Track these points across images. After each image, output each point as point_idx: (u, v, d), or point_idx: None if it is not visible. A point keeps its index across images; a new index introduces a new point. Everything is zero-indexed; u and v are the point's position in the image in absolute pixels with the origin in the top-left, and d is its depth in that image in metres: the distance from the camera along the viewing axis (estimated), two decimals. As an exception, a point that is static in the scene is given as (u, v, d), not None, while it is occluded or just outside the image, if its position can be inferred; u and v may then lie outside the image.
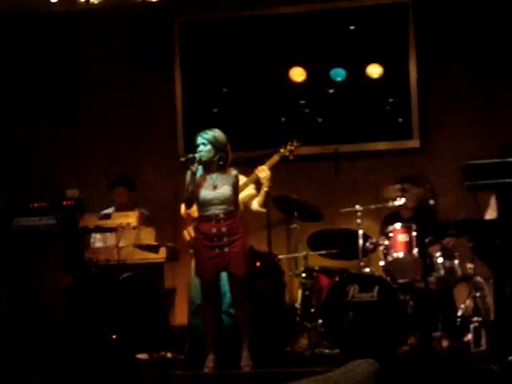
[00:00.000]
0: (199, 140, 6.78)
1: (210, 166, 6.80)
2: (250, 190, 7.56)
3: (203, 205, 6.78)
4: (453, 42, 8.68)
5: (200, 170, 6.80)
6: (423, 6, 8.69)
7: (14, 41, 9.26)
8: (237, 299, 6.82)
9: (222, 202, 6.73)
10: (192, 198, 6.78)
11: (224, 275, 6.87)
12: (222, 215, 6.71)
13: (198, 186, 6.75)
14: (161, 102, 9.18)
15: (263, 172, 7.36)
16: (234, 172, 6.82)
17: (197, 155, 6.75)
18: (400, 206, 7.70)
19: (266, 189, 7.34)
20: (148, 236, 7.77)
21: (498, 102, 8.54)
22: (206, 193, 6.75)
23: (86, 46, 9.27)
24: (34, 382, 6.45)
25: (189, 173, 6.74)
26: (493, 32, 8.53)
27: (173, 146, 9.07)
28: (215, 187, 6.75)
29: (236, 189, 6.83)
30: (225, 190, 6.73)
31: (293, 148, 7.76)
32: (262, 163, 7.59)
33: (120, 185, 8.38)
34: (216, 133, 6.79)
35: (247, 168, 7.52)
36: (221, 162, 6.77)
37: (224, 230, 6.70)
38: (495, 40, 8.53)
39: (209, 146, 6.74)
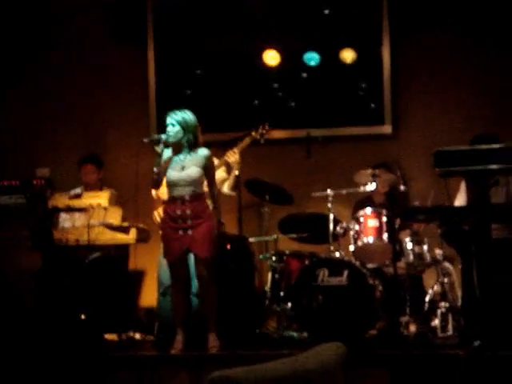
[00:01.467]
0: (168, 120, 6.75)
1: (178, 147, 6.76)
2: (221, 173, 7.57)
3: (170, 186, 6.76)
4: (427, 28, 8.69)
5: (168, 152, 6.76)
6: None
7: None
8: (202, 282, 6.80)
9: (189, 183, 6.70)
10: (158, 179, 6.75)
11: (192, 257, 6.86)
12: (187, 197, 6.69)
13: (166, 166, 6.72)
14: (134, 83, 9.12)
15: (232, 156, 7.36)
16: (204, 152, 6.77)
17: (163, 136, 6.72)
18: (371, 191, 7.73)
19: (236, 172, 7.34)
20: (115, 216, 7.72)
21: (471, 89, 8.58)
22: (172, 174, 6.72)
23: (59, 23, 9.17)
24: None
25: (157, 153, 6.71)
26: (468, 17, 8.55)
27: (145, 126, 9.02)
28: (183, 168, 6.72)
29: (207, 169, 6.79)
30: (192, 172, 6.69)
31: (264, 132, 7.76)
32: (233, 146, 7.59)
33: (88, 162, 8.35)
34: (185, 114, 6.75)
35: (219, 150, 7.52)
36: (189, 143, 6.74)
37: (188, 212, 6.69)
38: (470, 25, 8.54)
39: (177, 127, 6.71)
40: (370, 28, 8.75)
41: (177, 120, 6.70)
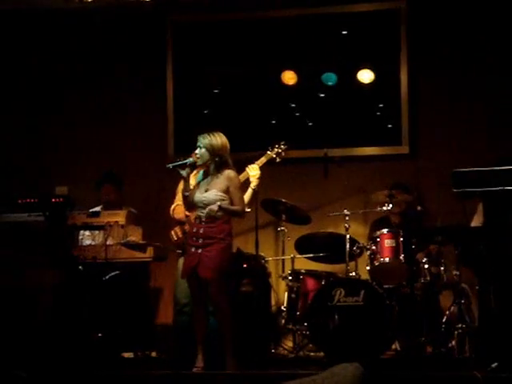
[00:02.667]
0: (198, 143, 6.83)
1: (208, 169, 6.85)
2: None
3: (194, 206, 6.86)
4: (444, 49, 8.71)
5: (200, 175, 6.89)
6: (415, 12, 8.72)
7: (7, 37, 9.24)
8: (212, 303, 6.79)
9: (206, 205, 6.76)
10: (187, 202, 6.84)
11: None
12: (203, 218, 6.76)
13: (195, 187, 6.83)
14: (152, 102, 9.17)
15: (253, 170, 7.37)
16: (227, 175, 6.80)
17: (188, 160, 6.80)
18: (388, 211, 7.73)
19: (253, 187, 7.34)
20: (135, 234, 7.76)
21: (489, 109, 8.57)
22: (196, 195, 6.82)
23: (79, 44, 9.24)
24: (16, 375, 6.44)
25: (184, 175, 6.82)
26: (484, 39, 8.56)
27: (163, 146, 9.08)
28: (206, 190, 6.80)
29: (229, 191, 6.79)
30: (210, 195, 6.76)
31: (280, 150, 7.78)
32: (252, 162, 7.62)
33: (108, 183, 8.40)
34: (213, 137, 6.81)
35: (236, 169, 7.54)
36: (216, 166, 6.81)
37: (201, 231, 6.74)
38: (487, 47, 8.56)
39: (203, 150, 6.79)
40: (387, 48, 8.78)
41: (204, 143, 6.78)
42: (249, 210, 7.54)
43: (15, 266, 7.31)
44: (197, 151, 6.83)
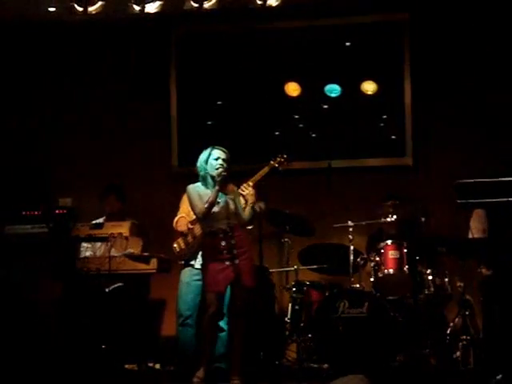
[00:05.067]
0: (221, 154, 6.85)
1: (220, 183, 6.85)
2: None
3: (210, 220, 6.82)
4: (448, 60, 8.73)
5: (199, 189, 6.88)
6: (419, 24, 8.74)
7: (10, 50, 9.27)
8: (239, 312, 6.79)
9: (226, 217, 6.78)
10: (210, 210, 6.79)
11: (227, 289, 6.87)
12: (228, 229, 6.77)
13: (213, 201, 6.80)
14: (156, 114, 9.19)
15: (246, 189, 7.41)
16: (232, 186, 6.88)
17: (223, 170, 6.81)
18: (383, 222, 7.73)
19: (250, 205, 7.38)
20: (135, 246, 7.75)
21: (492, 121, 8.58)
22: (215, 209, 6.77)
23: (83, 55, 9.27)
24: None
25: (217, 189, 6.78)
26: (488, 51, 8.58)
27: (167, 157, 9.09)
28: (218, 203, 6.79)
29: (238, 201, 6.85)
30: (231, 206, 6.81)
31: (282, 160, 7.78)
32: (249, 177, 7.63)
33: (111, 194, 8.41)
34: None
35: (239, 181, 7.54)
36: (226, 180, 6.84)
37: (233, 242, 6.76)
38: (490, 59, 8.57)
39: (227, 163, 6.84)
40: (391, 60, 8.80)
41: (228, 157, 6.84)
42: (251, 227, 7.55)
43: (18, 277, 7.31)
44: (221, 162, 6.81)
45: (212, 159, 6.82)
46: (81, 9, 7.88)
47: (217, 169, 6.79)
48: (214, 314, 6.79)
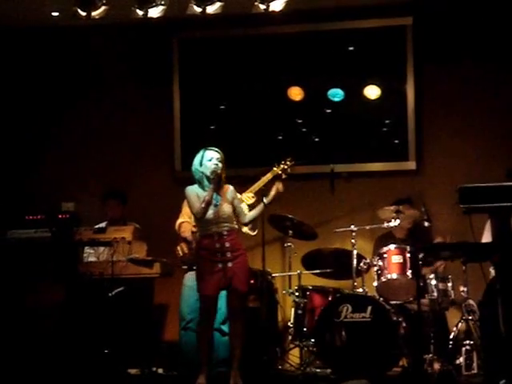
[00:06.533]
0: (214, 154, 6.83)
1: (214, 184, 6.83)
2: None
3: (205, 223, 6.80)
4: (450, 65, 8.73)
5: (196, 191, 6.85)
6: (421, 29, 8.74)
7: (13, 55, 9.28)
8: (235, 316, 6.79)
9: (225, 220, 6.78)
10: (206, 210, 6.77)
11: (223, 292, 6.86)
12: (225, 232, 6.77)
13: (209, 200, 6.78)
14: (159, 118, 9.19)
15: (248, 200, 7.45)
16: (230, 188, 6.88)
17: (218, 170, 6.79)
18: (394, 227, 7.72)
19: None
20: (140, 250, 7.75)
21: (495, 124, 8.58)
22: (208, 212, 6.77)
23: (85, 61, 9.28)
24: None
25: (212, 187, 6.77)
26: (491, 54, 8.57)
27: (170, 161, 9.09)
28: (216, 205, 6.78)
29: (236, 203, 6.85)
30: (226, 208, 6.79)
31: (286, 166, 7.80)
32: (256, 181, 7.63)
33: (112, 198, 8.42)
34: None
35: (242, 185, 7.55)
36: (221, 181, 6.83)
37: (227, 245, 6.75)
38: (493, 63, 8.57)
39: (221, 164, 6.82)
40: (394, 64, 8.79)
41: (222, 158, 6.82)
42: (254, 233, 7.55)
43: (21, 281, 7.32)
44: (215, 162, 6.80)
45: (206, 161, 6.83)
46: (84, 13, 7.87)
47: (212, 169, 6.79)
48: (206, 317, 6.77)
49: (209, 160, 6.82)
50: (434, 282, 7.37)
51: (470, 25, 8.63)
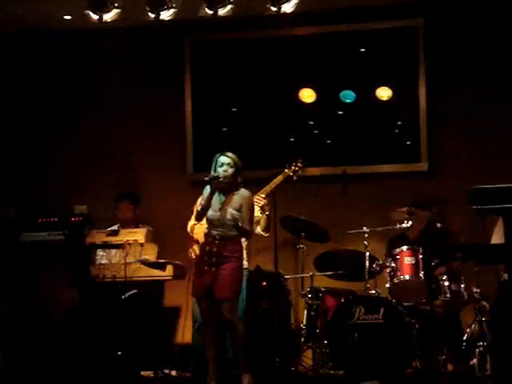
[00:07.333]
0: (225, 160, 6.82)
1: (225, 188, 6.84)
2: (256, 213, 7.58)
3: (208, 225, 6.86)
4: (463, 66, 8.70)
5: (209, 193, 6.84)
6: (433, 30, 8.72)
7: (27, 58, 9.32)
8: (228, 328, 6.76)
9: (221, 224, 6.77)
10: (203, 214, 6.82)
11: None
12: (218, 237, 6.77)
13: (209, 205, 6.81)
14: (171, 121, 9.20)
15: (261, 202, 7.44)
16: (243, 194, 6.85)
17: (220, 175, 6.79)
18: (407, 228, 7.71)
19: (266, 213, 7.42)
20: (151, 252, 7.77)
21: (507, 126, 8.55)
22: (210, 213, 6.82)
23: (99, 63, 9.31)
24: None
25: (208, 189, 6.78)
26: (504, 56, 8.55)
27: (182, 164, 9.11)
28: (220, 209, 6.79)
29: (243, 210, 6.81)
30: (226, 214, 6.77)
31: (297, 168, 7.81)
32: (267, 183, 7.64)
33: (124, 201, 8.43)
34: (236, 157, 6.85)
35: (254, 187, 7.55)
36: (236, 185, 6.83)
37: (215, 250, 6.75)
38: (506, 64, 8.55)
39: (232, 169, 6.80)
40: (406, 66, 8.78)
41: (233, 162, 6.80)
42: (266, 235, 7.55)
43: (34, 283, 7.35)
44: (225, 168, 6.81)
45: (218, 166, 6.84)
46: (96, 17, 7.90)
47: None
48: (204, 318, 6.81)
49: (220, 166, 6.83)
50: (446, 283, 7.35)
51: (481, 25, 8.61)
